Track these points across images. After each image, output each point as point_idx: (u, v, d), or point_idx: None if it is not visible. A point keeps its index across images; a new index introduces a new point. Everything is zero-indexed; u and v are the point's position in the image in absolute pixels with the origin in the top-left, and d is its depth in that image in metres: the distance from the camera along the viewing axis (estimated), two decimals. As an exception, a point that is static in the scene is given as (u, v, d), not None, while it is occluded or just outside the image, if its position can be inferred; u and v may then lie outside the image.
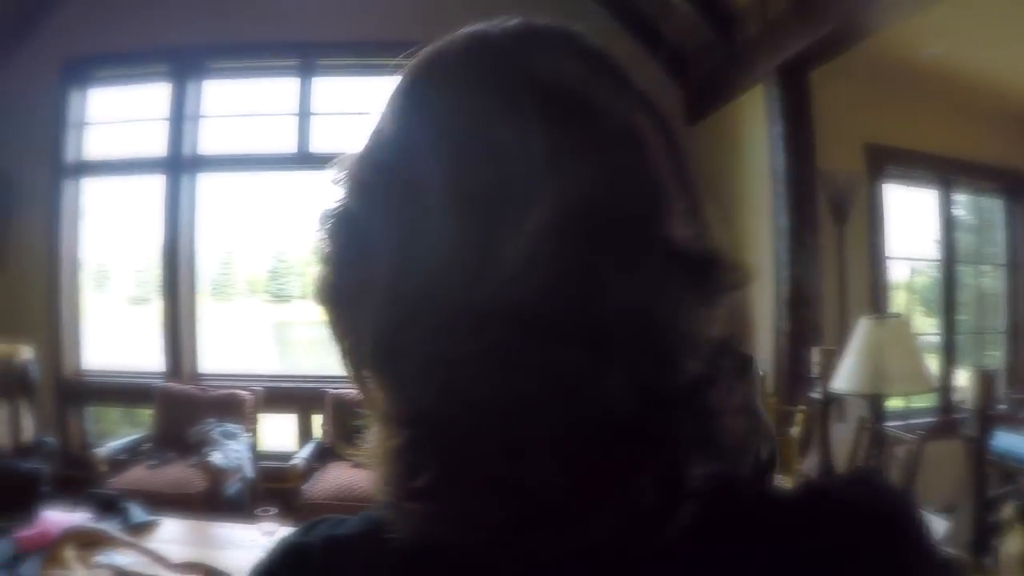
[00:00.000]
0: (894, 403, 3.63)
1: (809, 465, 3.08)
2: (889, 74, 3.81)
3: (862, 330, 2.73)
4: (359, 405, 0.47)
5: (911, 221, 4.74)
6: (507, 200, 0.40)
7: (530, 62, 0.44)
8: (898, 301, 5.11)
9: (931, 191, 5.04)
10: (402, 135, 0.45)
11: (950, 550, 2.02)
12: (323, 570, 0.46)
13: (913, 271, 5.37)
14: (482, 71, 0.44)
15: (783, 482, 3.15)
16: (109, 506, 3.07)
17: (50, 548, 2.64)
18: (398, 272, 0.42)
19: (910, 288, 5.40)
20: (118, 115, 5.23)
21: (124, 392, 5.11)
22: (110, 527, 2.85)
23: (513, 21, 0.46)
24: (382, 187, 0.44)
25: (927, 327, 5.17)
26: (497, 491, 0.40)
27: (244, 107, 5.23)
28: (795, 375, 3.72)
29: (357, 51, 4.92)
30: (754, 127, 4.19)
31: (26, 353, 4.29)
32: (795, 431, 3.36)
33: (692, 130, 5.01)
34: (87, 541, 2.74)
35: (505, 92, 0.43)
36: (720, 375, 0.43)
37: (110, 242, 5.61)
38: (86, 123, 5.17)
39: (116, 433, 5.06)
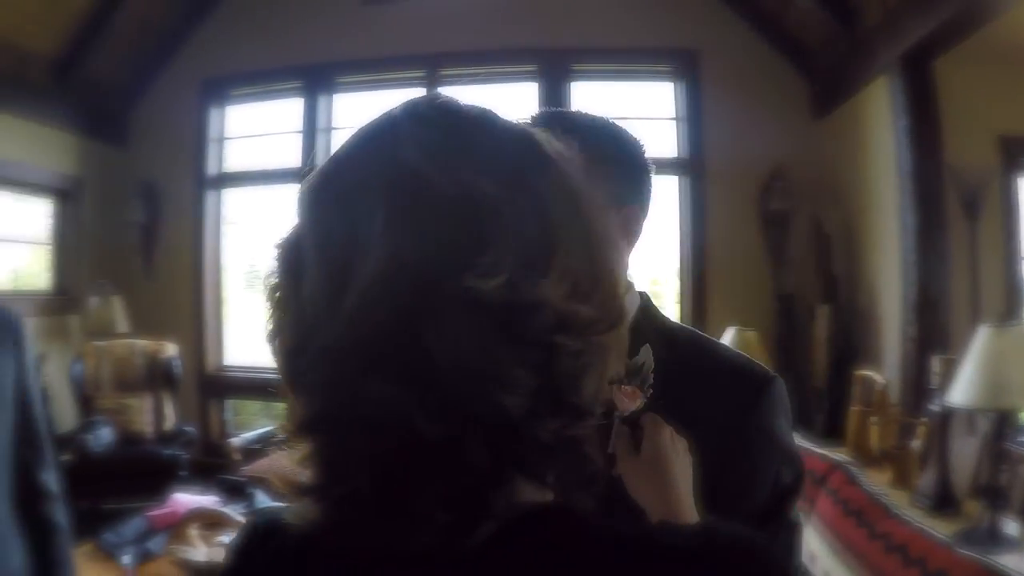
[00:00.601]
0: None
1: (927, 481, 2.88)
2: (1020, 58, 3.48)
3: (981, 339, 2.52)
4: None
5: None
6: (353, 261, 0.50)
7: (392, 145, 0.53)
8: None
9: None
10: (302, 217, 0.56)
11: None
12: (259, 542, 0.61)
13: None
14: (356, 159, 0.56)
15: (898, 498, 2.97)
16: (237, 491, 3.32)
17: (176, 526, 2.89)
18: (293, 320, 0.54)
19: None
20: (255, 129, 5.64)
21: (262, 386, 5.45)
22: (234, 510, 3.08)
23: (398, 108, 0.56)
24: (289, 260, 0.56)
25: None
26: (333, 497, 0.52)
27: (373, 118, 5.47)
28: (920, 384, 3.51)
29: (482, 60, 5.03)
30: (879, 121, 3.98)
31: (171, 350, 4.72)
32: (916, 444, 3.15)
33: (818, 125, 4.81)
34: (211, 522, 2.97)
35: (366, 173, 0.53)
36: (549, 411, 0.50)
37: (257, 245, 6.02)
38: (225, 137, 5.60)
39: (254, 425, 5.44)
